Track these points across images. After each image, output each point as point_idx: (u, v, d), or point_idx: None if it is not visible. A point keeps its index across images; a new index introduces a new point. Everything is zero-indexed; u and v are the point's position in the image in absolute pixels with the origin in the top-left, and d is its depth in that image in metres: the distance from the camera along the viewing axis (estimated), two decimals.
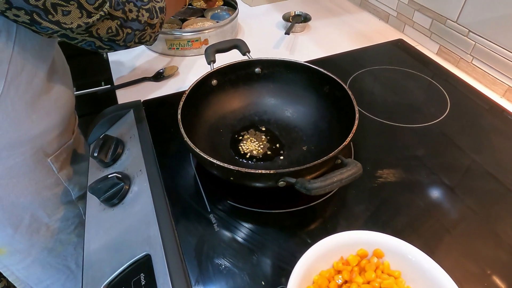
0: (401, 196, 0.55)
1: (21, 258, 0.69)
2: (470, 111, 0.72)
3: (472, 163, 0.60)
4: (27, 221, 0.64)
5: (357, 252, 0.42)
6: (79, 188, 0.71)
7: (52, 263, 0.73)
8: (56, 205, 0.68)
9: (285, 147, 0.62)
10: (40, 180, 0.63)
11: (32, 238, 0.67)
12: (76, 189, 0.71)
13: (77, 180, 0.70)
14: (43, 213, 0.66)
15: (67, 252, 0.74)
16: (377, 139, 0.66)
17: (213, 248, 0.48)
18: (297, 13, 1.04)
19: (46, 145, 0.62)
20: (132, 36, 0.55)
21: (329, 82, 0.61)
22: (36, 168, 0.61)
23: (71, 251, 0.74)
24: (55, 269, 0.74)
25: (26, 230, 0.65)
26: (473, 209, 0.53)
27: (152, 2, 0.58)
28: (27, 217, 0.64)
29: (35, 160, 0.61)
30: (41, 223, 0.67)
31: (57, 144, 0.64)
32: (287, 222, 0.52)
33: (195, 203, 0.54)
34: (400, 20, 0.99)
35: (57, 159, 0.65)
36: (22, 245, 0.67)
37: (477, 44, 0.78)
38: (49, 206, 0.66)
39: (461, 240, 0.49)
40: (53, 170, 0.65)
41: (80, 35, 0.50)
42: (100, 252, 0.51)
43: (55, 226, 0.69)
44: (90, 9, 0.47)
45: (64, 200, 0.69)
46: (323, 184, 0.41)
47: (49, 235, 0.69)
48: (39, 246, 0.69)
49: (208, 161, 0.47)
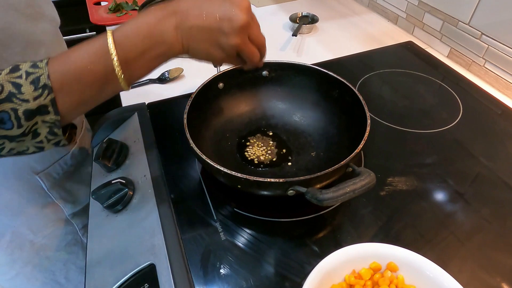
0: (413, 206, 0.53)
1: (5, 271, 0.66)
2: (483, 117, 0.70)
3: (486, 171, 0.58)
4: (7, 238, 0.61)
5: (370, 266, 0.41)
6: (74, 205, 0.67)
7: (38, 277, 0.69)
8: (43, 222, 0.64)
9: (293, 153, 0.60)
10: (24, 198, 0.59)
11: (13, 254, 0.63)
12: (70, 206, 0.66)
13: (72, 197, 0.66)
14: (27, 231, 0.62)
15: (55, 267, 0.70)
16: (387, 145, 0.64)
17: (219, 258, 0.47)
18: (304, 14, 1.03)
19: (33, 162, 0.58)
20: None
21: (338, 86, 0.59)
22: (19, 186, 0.58)
23: (60, 266, 0.70)
24: (41, 282, 0.70)
25: (7, 246, 0.62)
26: (488, 219, 0.51)
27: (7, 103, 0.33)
28: (8, 234, 0.61)
29: (19, 178, 0.57)
30: (25, 240, 0.63)
31: (49, 160, 0.60)
32: (295, 231, 0.50)
33: (201, 211, 0.53)
34: (410, 22, 0.97)
35: (48, 176, 0.60)
36: (3, 260, 0.63)
37: (490, 47, 0.76)
38: (35, 224, 0.63)
39: (476, 253, 0.47)
40: (42, 187, 0.60)
41: None
42: (103, 260, 0.50)
43: (42, 243, 0.65)
44: None
45: (53, 218, 0.65)
46: (335, 195, 0.39)
47: (33, 252, 0.65)
48: (22, 261, 0.65)
49: (214, 168, 0.46)
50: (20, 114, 0.34)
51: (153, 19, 0.37)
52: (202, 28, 0.38)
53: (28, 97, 0.34)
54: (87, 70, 0.35)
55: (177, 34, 0.38)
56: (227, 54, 0.40)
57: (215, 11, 0.38)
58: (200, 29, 0.38)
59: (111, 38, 0.36)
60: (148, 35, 0.37)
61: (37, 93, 0.34)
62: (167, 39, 0.38)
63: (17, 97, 0.33)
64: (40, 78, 0.34)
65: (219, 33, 0.38)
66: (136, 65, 0.37)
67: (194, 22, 0.38)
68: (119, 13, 1.06)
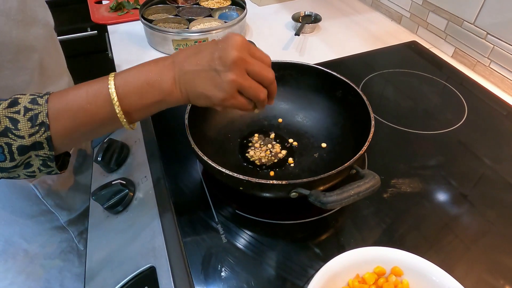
0: (417, 208, 0.52)
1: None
2: (488, 118, 0.69)
3: (492, 172, 0.58)
4: (0, 247, 0.60)
5: (374, 270, 0.40)
6: (69, 212, 0.65)
7: (32, 286, 0.67)
8: (37, 231, 0.63)
9: (295, 154, 0.59)
10: (17, 207, 0.58)
11: (6, 263, 0.62)
12: (65, 213, 0.65)
13: (68, 204, 0.65)
14: (20, 239, 0.61)
15: (50, 275, 0.69)
16: (391, 146, 0.63)
17: (220, 261, 0.46)
18: (307, 13, 1.02)
19: None
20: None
21: (342, 86, 0.59)
22: (12, 195, 0.57)
23: (55, 274, 0.69)
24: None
25: (0, 255, 0.61)
26: (494, 222, 0.50)
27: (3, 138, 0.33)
28: (1, 243, 0.60)
29: (11, 186, 0.56)
30: (18, 248, 0.62)
31: None
32: (298, 234, 0.49)
33: (202, 212, 0.52)
34: (414, 21, 0.96)
35: (42, 183, 0.59)
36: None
37: (496, 47, 0.75)
38: (28, 232, 0.62)
39: (482, 256, 0.46)
40: (37, 195, 0.59)
41: None
42: (103, 262, 0.49)
43: (36, 252, 0.64)
44: None
45: (48, 226, 0.64)
46: (339, 198, 0.38)
47: (27, 261, 0.64)
48: (15, 271, 0.64)
49: (216, 169, 0.45)
50: (14, 149, 0.34)
51: (153, 68, 0.39)
52: (197, 72, 0.38)
53: (24, 134, 0.34)
54: (84, 109, 0.36)
55: (175, 82, 0.39)
56: (226, 93, 0.39)
57: (208, 54, 0.38)
58: (195, 74, 0.38)
59: (113, 81, 0.37)
60: (147, 82, 0.38)
61: (34, 130, 0.34)
62: (165, 88, 0.38)
63: (13, 133, 0.34)
64: (39, 116, 0.34)
65: (212, 73, 0.38)
66: (134, 109, 0.38)
67: (189, 68, 0.38)
68: (120, 12, 1.06)
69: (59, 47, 0.63)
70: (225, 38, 0.39)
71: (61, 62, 0.63)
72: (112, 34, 0.98)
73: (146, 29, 0.88)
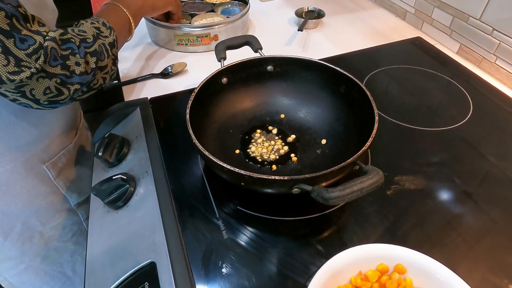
0: (421, 206, 0.52)
1: (13, 265, 0.66)
2: (494, 115, 0.68)
3: (496, 170, 0.57)
4: (18, 229, 0.61)
5: (377, 267, 0.39)
6: (79, 195, 0.67)
7: (47, 270, 0.70)
8: (51, 213, 0.64)
9: (298, 150, 0.59)
10: (33, 188, 0.59)
11: (23, 246, 0.63)
12: (75, 195, 0.67)
13: (76, 187, 0.67)
14: (36, 222, 0.63)
15: (63, 259, 0.70)
16: (394, 143, 0.62)
17: (221, 257, 0.46)
18: (310, 8, 1.01)
19: (40, 152, 0.58)
20: (80, 90, 0.46)
21: (345, 82, 0.58)
22: (28, 176, 0.58)
23: (67, 258, 0.71)
24: (49, 276, 0.71)
25: (18, 238, 0.62)
26: (498, 220, 0.50)
27: (99, 40, 0.48)
28: (18, 225, 0.61)
29: (27, 168, 0.57)
30: (34, 231, 0.63)
31: (54, 150, 0.61)
32: (300, 230, 0.49)
33: (203, 208, 0.51)
34: (418, 17, 0.95)
35: (54, 165, 0.61)
36: (13, 253, 0.64)
37: (502, 43, 0.74)
38: (43, 214, 0.63)
39: (486, 255, 0.46)
40: (49, 177, 0.61)
41: (10, 93, 0.40)
42: (103, 257, 0.49)
43: (50, 234, 0.66)
44: (20, 55, 0.37)
45: (60, 208, 0.65)
46: (342, 194, 0.38)
47: (43, 243, 0.66)
48: (31, 254, 0.66)
49: (217, 164, 0.44)
50: (107, 46, 0.49)
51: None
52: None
53: (107, 34, 0.50)
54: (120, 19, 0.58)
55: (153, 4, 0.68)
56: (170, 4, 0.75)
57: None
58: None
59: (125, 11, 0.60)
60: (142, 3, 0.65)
61: (109, 31, 0.51)
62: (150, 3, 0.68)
63: (101, 35, 0.49)
64: (105, 22, 0.52)
65: None
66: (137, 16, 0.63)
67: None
68: None
69: None
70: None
71: None
72: None
73: (148, 24, 0.88)
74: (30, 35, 0.38)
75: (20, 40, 0.37)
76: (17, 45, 0.37)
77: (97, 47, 0.47)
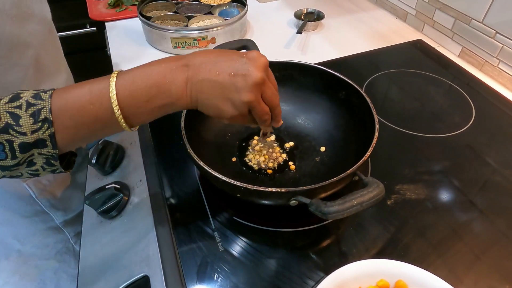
0: (423, 216, 0.50)
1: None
2: (497, 120, 0.66)
3: (501, 178, 0.55)
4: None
5: (377, 283, 0.38)
6: (65, 212, 0.64)
7: (28, 286, 0.67)
8: (31, 231, 0.62)
9: (296, 158, 0.57)
10: (11, 207, 0.57)
11: (0, 263, 0.61)
12: (60, 213, 0.63)
13: (63, 204, 0.63)
14: (13, 240, 0.60)
15: (45, 276, 0.68)
16: (395, 150, 0.61)
17: (217, 271, 0.44)
18: (309, 10, 0.99)
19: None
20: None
21: (345, 88, 0.56)
22: (6, 194, 0.55)
23: (50, 275, 0.68)
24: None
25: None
26: (504, 231, 0.48)
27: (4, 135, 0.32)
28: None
29: (5, 185, 0.55)
30: (11, 250, 0.61)
31: None
32: (298, 242, 0.47)
33: (199, 219, 0.50)
34: (420, 19, 0.93)
35: (37, 183, 0.58)
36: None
37: (505, 47, 0.72)
38: (22, 233, 0.61)
39: (492, 267, 0.44)
40: (31, 195, 0.58)
41: None
42: (96, 269, 0.48)
43: (30, 252, 0.63)
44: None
45: (42, 227, 0.63)
46: (341, 208, 0.36)
47: (21, 261, 0.63)
48: (9, 271, 0.63)
49: (213, 176, 0.43)
50: (15, 146, 0.32)
51: (164, 69, 0.36)
52: (214, 83, 0.36)
53: (26, 130, 0.32)
54: (86, 109, 0.34)
55: (187, 87, 0.36)
56: (238, 111, 0.37)
57: (229, 67, 0.36)
58: (212, 84, 0.36)
59: (114, 82, 0.34)
60: (156, 84, 0.35)
61: (36, 127, 0.32)
62: (174, 91, 0.36)
63: (14, 129, 0.32)
64: (41, 111, 0.32)
65: (231, 88, 0.36)
66: (139, 112, 0.35)
67: (205, 76, 0.36)
68: (119, 9, 1.04)
69: (57, 42, 0.61)
70: (252, 55, 0.37)
71: (59, 59, 0.62)
72: (110, 31, 0.96)
73: (144, 27, 0.86)
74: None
75: None
76: None
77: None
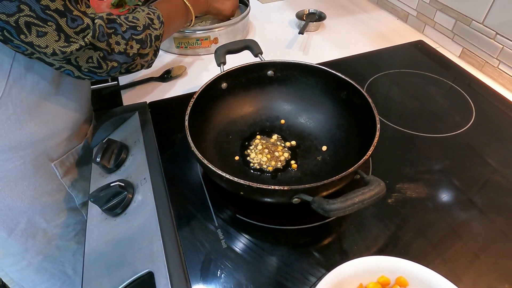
0: (423, 214, 0.51)
1: (15, 261, 0.66)
2: (497, 121, 0.67)
3: (501, 178, 0.56)
4: (22, 226, 0.62)
5: (378, 280, 0.39)
6: (84, 194, 0.68)
7: (48, 268, 0.70)
8: (56, 211, 0.65)
9: (298, 157, 0.58)
10: (40, 185, 0.60)
11: (27, 243, 0.64)
12: (81, 195, 0.67)
13: (82, 186, 0.67)
14: (40, 219, 0.63)
15: (64, 258, 0.71)
16: (396, 149, 0.61)
17: (220, 267, 0.45)
18: (311, 11, 1.00)
19: (50, 149, 0.59)
20: (118, 68, 0.51)
21: (347, 88, 0.57)
22: (36, 173, 0.58)
23: (69, 257, 0.72)
24: (50, 274, 0.71)
25: (21, 235, 0.63)
26: (503, 230, 0.49)
27: (148, 30, 0.53)
28: (23, 221, 0.62)
29: (36, 165, 0.58)
30: (38, 228, 0.64)
31: (63, 148, 0.61)
32: (300, 240, 0.48)
33: (202, 216, 0.51)
34: (420, 20, 0.94)
35: (62, 164, 0.62)
36: (16, 249, 0.64)
37: (505, 48, 0.73)
38: (48, 212, 0.64)
39: (492, 265, 0.45)
40: (57, 175, 0.62)
41: (57, 61, 0.45)
42: (101, 266, 0.48)
43: (53, 232, 0.66)
44: (70, 32, 0.42)
45: (65, 207, 0.66)
46: (343, 206, 0.37)
47: (45, 241, 0.66)
48: (34, 251, 0.66)
49: (216, 173, 0.44)
50: (152, 38, 0.54)
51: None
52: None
53: (157, 27, 0.55)
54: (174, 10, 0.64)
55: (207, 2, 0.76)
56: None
57: None
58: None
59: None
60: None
61: (160, 25, 0.56)
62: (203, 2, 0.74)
63: (152, 27, 0.54)
64: (160, 16, 0.57)
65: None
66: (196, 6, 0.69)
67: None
68: (122, 9, 1.04)
69: None
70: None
71: None
72: None
73: None
74: (80, 16, 0.43)
75: (71, 19, 0.42)
76: (68, 24, 0.42)
77: (143, 37, 0.52)
